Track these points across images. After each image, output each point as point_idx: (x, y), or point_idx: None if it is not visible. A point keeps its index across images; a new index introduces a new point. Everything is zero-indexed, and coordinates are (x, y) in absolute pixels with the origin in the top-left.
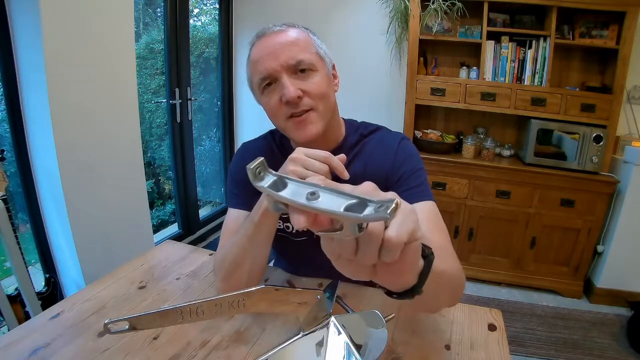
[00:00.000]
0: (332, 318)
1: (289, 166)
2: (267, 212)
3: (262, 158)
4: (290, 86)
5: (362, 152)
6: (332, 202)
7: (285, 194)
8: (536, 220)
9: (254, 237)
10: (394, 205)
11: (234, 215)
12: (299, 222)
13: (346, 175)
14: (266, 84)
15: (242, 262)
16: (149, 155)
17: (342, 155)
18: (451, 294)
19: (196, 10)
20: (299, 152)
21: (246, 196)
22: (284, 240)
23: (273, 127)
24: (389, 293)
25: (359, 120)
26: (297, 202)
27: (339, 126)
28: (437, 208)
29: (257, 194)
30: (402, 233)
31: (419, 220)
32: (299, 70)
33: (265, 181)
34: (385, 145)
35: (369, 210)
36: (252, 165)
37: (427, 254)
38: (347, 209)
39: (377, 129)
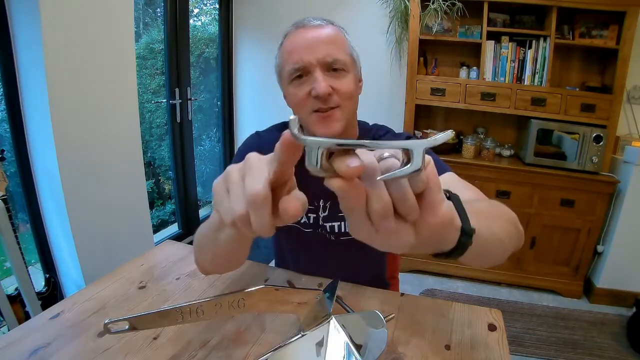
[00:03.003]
0: (332, 318)
1: None
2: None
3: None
4: (323, 82)
5: None
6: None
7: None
8: (536, 221)
9: (215, 233)
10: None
11: None
12: (354, 165)
13: None
14: (297, 76)
15: (204, 249)
16: (149, 155)
17: None
18: (510, 227)
19: (196, 10)
20: None
21: None
22: (291, 232)
23: (273, 124)
24: (451, 253)
25: (368, 122)
26: (362, 142)
27: (354, 127)
28: (459, 177)
29: None
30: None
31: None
32: (332, 68)
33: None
34: None
35: (427, 139)
36: (294, 116)
37: (450, 195)
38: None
39: (387, 131)
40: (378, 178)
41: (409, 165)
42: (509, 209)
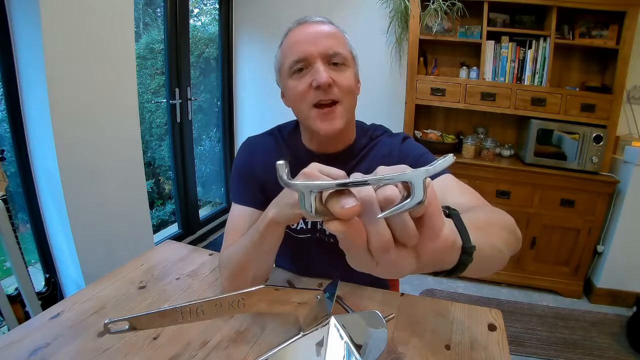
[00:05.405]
0: (332, 318)
1: (301, 179)
2: (271, 223)
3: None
4: (324, 72)
5: (370, 154)
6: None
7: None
8: (536, 220)
9: (259, 245)
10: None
11: (238, 211)
12: (350, 205)
13: None
14: (297, 69)
15: (247, 266)
16: (149, 155)
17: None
18: (509, 235)
19: (196, 10)
20: (313, 168)
21: (251, 191)
22: (286, 237)
23: (275, 125)
24: (451, 271)
25: (365, 122)
26: (357, 180)
27: (352, 129)
28: (456, 178)
29: (261, 191)
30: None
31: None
32: (333, 62)
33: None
34: (389, 146)
35: (427, 168)
36: (282, 161)
37: (449, 212)
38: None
39: (384, 132)
40: (378, 216)
41: (409, 198)
42: (506, 214)
